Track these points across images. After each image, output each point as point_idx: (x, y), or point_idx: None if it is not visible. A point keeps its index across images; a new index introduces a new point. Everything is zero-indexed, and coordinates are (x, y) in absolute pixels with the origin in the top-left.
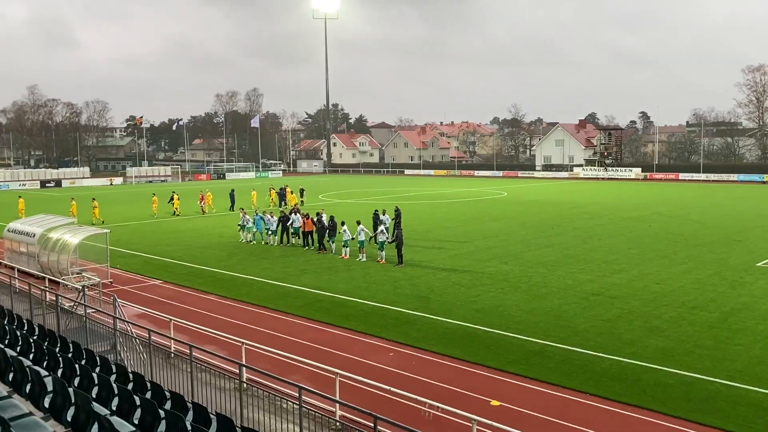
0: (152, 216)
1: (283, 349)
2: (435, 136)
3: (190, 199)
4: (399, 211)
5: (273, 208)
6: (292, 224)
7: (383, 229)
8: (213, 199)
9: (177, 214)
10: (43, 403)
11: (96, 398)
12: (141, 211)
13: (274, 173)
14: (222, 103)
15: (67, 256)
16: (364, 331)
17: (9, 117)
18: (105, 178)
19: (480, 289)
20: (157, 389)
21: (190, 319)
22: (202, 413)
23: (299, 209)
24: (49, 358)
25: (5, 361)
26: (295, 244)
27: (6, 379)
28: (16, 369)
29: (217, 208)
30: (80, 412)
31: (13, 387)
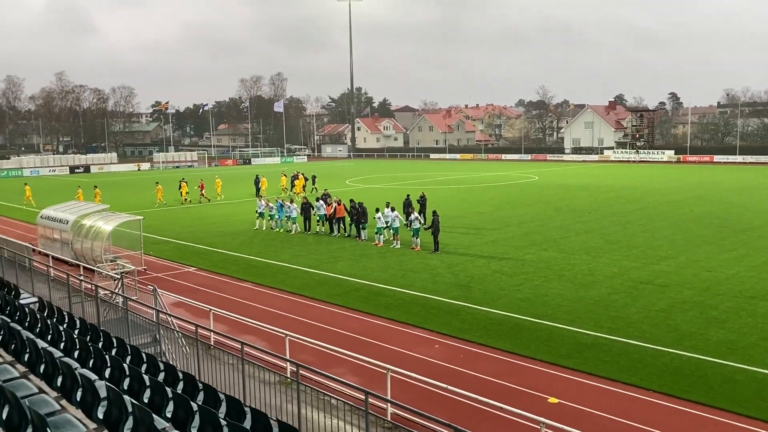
0: (156, 204)
1: (325, 340)
2: (460, 119)
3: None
4: (424, 198)
5: (284, 194)
6: (317, 211)
7: (417, 215)
8: (222, 185)
9: (187, 201)
10: (96, 413)
11: (149, 404)
12: (170, 196)
13: (299, 158)
14: (246, 88)
15: (100, 243)
16: (405, 321)
17: (38, 104)
18: (132, 163)
19: (522, 278)
20: (210, 392)
21: (227, 307)
22: (262, 420)
23: (329, 194)
24: (96, 357)
25: (52, 363)
26: (319, 231)
27: (54, 384)
28: (65, 373)
29: (237, 195)
30: (139, 426)
31: (62, 393)
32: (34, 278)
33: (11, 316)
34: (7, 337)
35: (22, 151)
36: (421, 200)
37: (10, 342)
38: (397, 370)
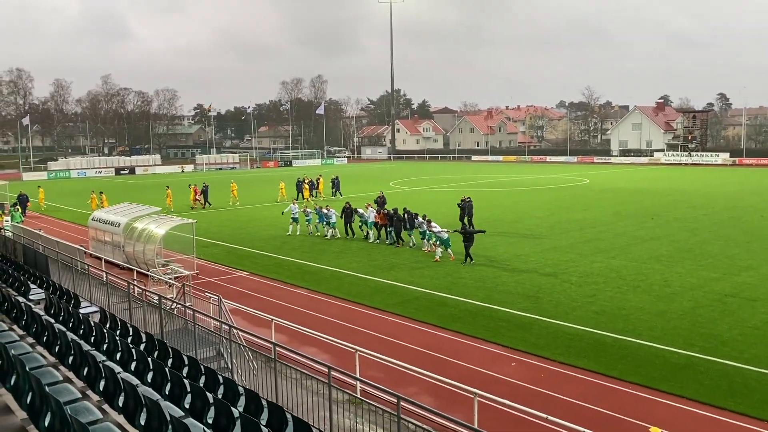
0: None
1: (391, 355)
2: (502, 120)
3: (254, 187)
4: (469, 201)
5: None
6: (366, 219)
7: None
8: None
9: (193, 207)
10: None
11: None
12: (217, 199)
13: (339, 160)
14: (287, 90)
15: (153, 247)
16: (474, 335)
17: (84, 106)
18: (176, 165)
19: (593, 288)
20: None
21: (283, 315)
22: None
23: (385, 197)
24: (174, 385)
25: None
26: (358, 237)
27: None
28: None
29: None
30: None
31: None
32: (91, 285)
33: (75, 331)
34: (64, 349)
35: (69, 153)
36: (461, 206)
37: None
38: (483, 394)
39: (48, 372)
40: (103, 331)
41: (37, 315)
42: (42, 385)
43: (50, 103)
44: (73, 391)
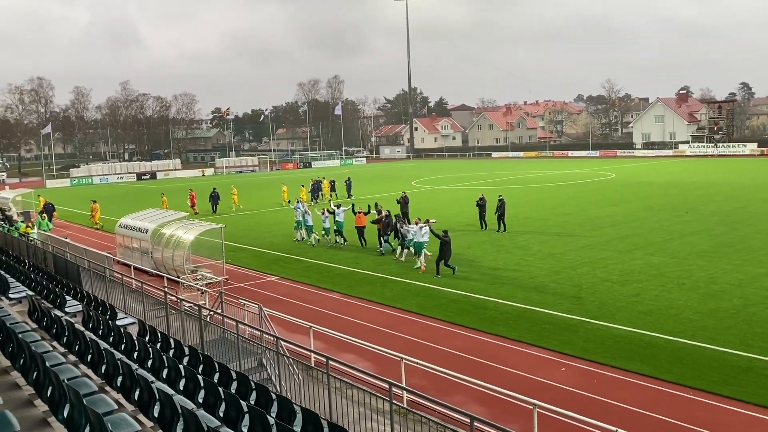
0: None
1: (430, 360)
2: (521, 116)
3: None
4: (501, 200)
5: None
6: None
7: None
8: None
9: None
10: None
11: None
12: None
13: (358, 160)
14: (304, 92)
15: (181, 253)
16: (517, 339)
17: (104, 113)
18: (197, 169)
19: (636, 287)
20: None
21: (317, 320)
22: None
23: (408, 197)
24: (228, 407)
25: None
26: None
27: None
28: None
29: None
30: None
31: None
32: (125, 294)
33: (117, 346)
34: (111, 370)
35: (90, 159)
36: (481, 203)
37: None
38: (542, 405)
39: (102, 400)
40: (146, 346)
41: (80, 332)
42: (101, 418)
43: (71, 111)
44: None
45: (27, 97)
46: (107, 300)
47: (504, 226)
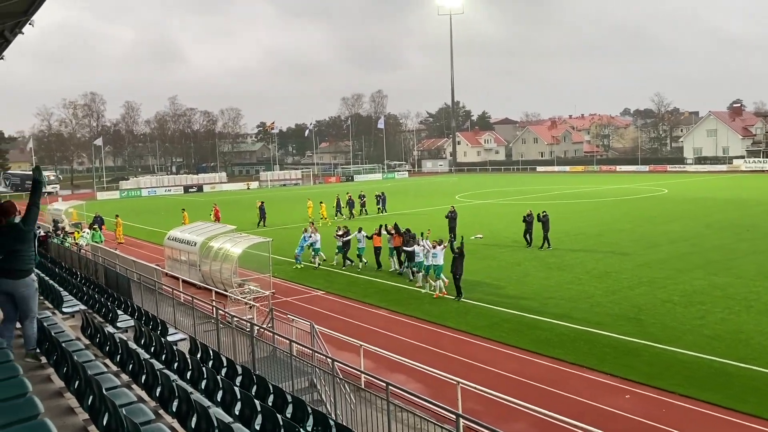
0: None
1: (484, 383)
2: (567, 130)
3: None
4: (545, 216)
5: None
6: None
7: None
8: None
9: None
10: None
11: None
12: (285, 215)
13: (400, 174)
14: (347, 106)
15: (229, 266)
16: (575, 362)
17: (152, 127)
18: (241, 182)
19: (700, 309)
20: None
21: (365, 338)
22: None
23: (456, 212)
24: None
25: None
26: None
27: None
28: None
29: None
30: None
31: None
32: (175, 309)
33: (168, 364)
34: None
35: (139, 172)
36: (528, 219)
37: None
38: None
39: (159, 430)
40: (199, 365)
41: (133, 351)
42: None
43: (121, 125)
44: None
45: (80, 111)
46: (157, 314)
47: (548, 243)
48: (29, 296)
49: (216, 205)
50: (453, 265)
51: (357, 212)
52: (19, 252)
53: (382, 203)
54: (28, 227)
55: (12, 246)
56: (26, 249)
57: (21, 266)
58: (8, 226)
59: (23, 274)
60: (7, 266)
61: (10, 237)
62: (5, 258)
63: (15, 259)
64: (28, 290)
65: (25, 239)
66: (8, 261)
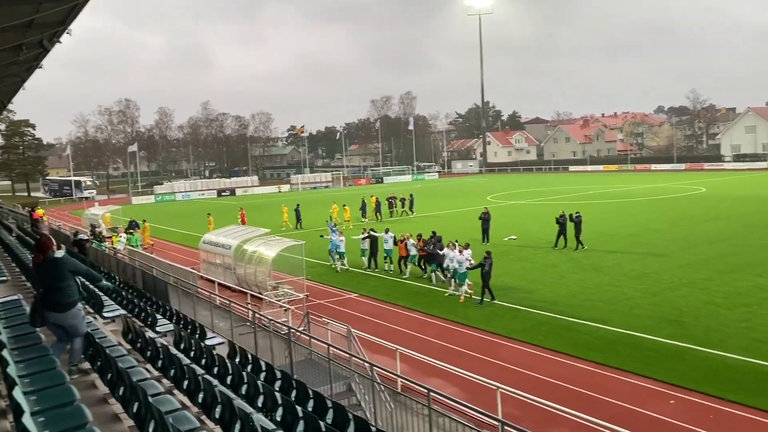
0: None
1: (521, 388)
2: (599, 128)
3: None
4: (578, 216)
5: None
6: None
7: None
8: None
9: None
10: None
11: None
12: (318, 218)
13: (430, 175)
14: (376, 108)
15: (264, 269)
16: (616, 367)
17: (185, 132)
18: (272, 186)
19: (745, 311)
20: None
21: (400, 341)
22: None
23: (490, 213)
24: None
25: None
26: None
27: None
28: None
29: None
30: None
31: None
32: (213, 312)
33: (208, 369)
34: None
35: (173, 176)
36: (562, 220)
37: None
38: None
39: None
40: (239, 370)
41: (175, 356)
42: None
43: (155, 131)
44: None
45: (115, 117)
46: (195, 317)
47: (581, 244)
48: (77, 324)
49: (242, 209)
50: (482, 269)
51: (386, 214)
52: (62, 288)
53: (410, 205)
54: (69, 263)
55: (52, 283)
56: (68, 285)
57: (65, 300)
58: (50, 261)
59: (68, 307)
60: (52, 300)
61: (51, 273)
62: (48, 292)
63: (58, 293)
64: (76, 319)
65: (64, 276)
66: (53, 295)
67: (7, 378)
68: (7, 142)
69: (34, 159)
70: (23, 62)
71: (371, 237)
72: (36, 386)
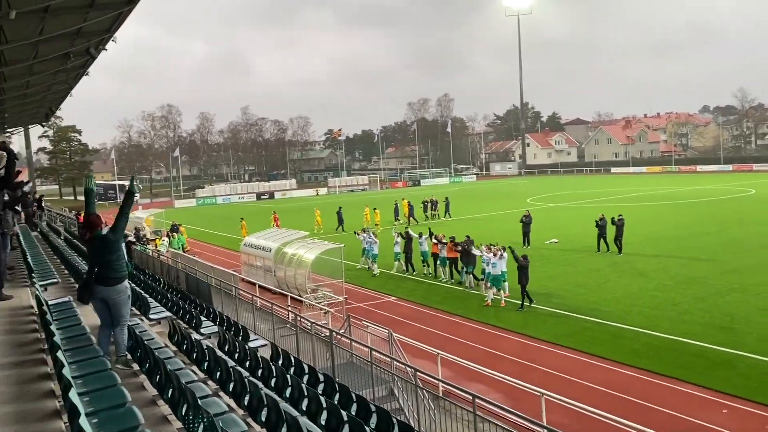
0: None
1: (570, 395)
2: (642, 129)
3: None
4: (621, 220)
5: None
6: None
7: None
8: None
9: None
10: None
11: None
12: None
13: (467, 177)
14: (413, 111)
15: (303, 272)
16: (665, 374)
17: (225, 136)
18: (311, 189)
19: None
20: None
21: (441, 346)
22: None
23: (531, 216)
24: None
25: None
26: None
27: None
28: None
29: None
30: None
31: None
32: (255, 315)
33: (252, 371)
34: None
35: (213, 180)
36: (601, 223)
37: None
38: None
39: None
40: (283, 373)
41: (221, 359)
42: None
43: (196, 135)
44: None
45: (158, 123)
46: (237, 319)
47: (619, 248)
48: (122, 302)
49: (275, 213)
50: (519, 274)
51: (420, 218)
52: (111, 261)
53: (446, 208)
54: (116, 236)
55: (103, 257)
56: (116, 258)
57: (114, 274)
58: (97, 238)
59: (116, 282)
60: (101, 274)
61: (101, 248)
62: (99, 266)
63: (107, 268)
64: (121, 297)
65: (114, 249)
66: (101, 270)
67: (61, 379)
68: (54, 148)
69: (80, 164)
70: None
71: (405, 238)
72: (89, 387)
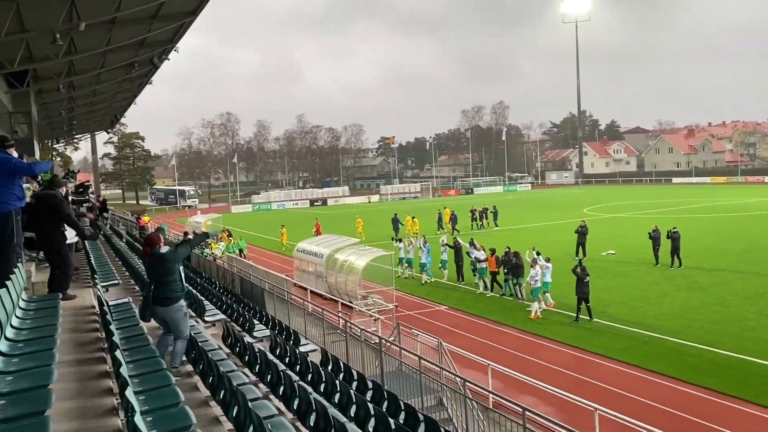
0: (282, 248)
1: (627, 413)
2: (706, 138)
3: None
4: (676, 233)
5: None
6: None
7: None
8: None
9: None
10: None
11: None
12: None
13: (522, 186)
14: (467, 118)
15: (354, 278)
16: (729, 394)
17: (281, 144)
18: (363, 196)
19: None
20: None
21: (492, 357)
22: None
23: (587, 227)
24: None
25: None
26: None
27: None
28: None
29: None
30: None
31: None
32: (306, 320)
33: (302, 375)
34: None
35: (269, 186)
36: (655, 234)
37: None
38: None
39: None
40: (332, 378)
41: (272, 363)
42: None
43: (253, 143)
44: None
45: (217, 130)
46: (289, 323)
47: (679, 261)
48: (178, 320)
49: (317, 220)
50: (577, 287)
51: (466, 227)
52: (167, 282)
53: (494, 217)
54: (174, 257)
55: (158, 277)
56: (172, 280)
57: (170, 294)
58: (156, 257)
59: (172, 302)
60: (158, 294)
61: (159, 269)
62: (155, 286)
63: (163, 288)
64: (177, 315)
65: (170, 270)
66: (158, 290)
67: (119, 377)
68: (119, 153)
69: (142, 169)
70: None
71: (454, 247)
72: (144, 386)
